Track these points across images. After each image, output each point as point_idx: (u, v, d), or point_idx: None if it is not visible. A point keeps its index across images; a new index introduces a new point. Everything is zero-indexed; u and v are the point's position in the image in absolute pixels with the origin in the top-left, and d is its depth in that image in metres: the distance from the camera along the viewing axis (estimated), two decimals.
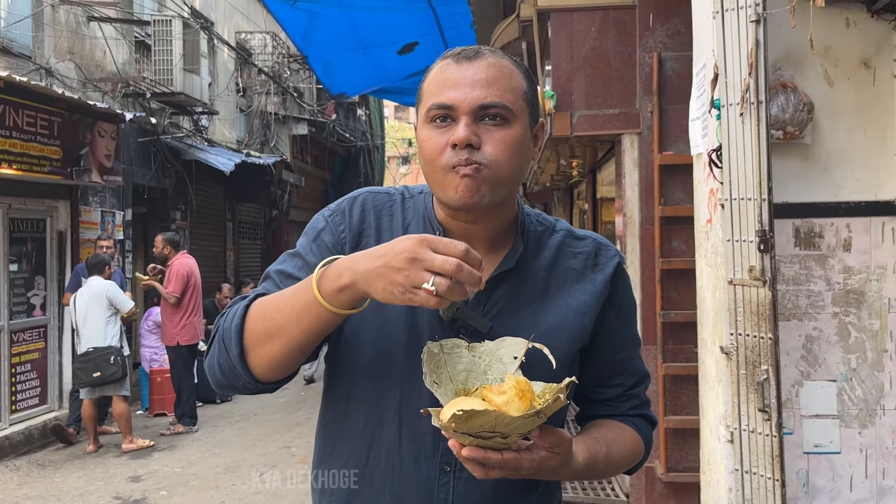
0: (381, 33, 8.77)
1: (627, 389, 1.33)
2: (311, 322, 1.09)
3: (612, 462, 1.24)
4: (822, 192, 2.72)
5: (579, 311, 1.24)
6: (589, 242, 1.30)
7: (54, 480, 6.03)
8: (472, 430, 0.99)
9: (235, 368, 1.15)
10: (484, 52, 1.18)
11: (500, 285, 1.22)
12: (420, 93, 1.22)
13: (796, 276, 2.73)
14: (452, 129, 1.14)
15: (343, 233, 1.24)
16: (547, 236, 1.29)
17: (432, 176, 1.17)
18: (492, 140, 1.14)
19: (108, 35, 8.81)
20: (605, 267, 1.28)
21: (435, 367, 1.12)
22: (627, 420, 1.32)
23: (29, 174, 6.76)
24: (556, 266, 1.26)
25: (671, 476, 4.26)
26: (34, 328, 7.54)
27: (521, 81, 1.20)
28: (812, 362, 2.73)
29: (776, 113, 2.60)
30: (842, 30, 2.70)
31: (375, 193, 1.30)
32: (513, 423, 0.99)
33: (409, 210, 1.27)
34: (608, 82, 4.60)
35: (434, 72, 1.20)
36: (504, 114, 1.15)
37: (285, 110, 14.27)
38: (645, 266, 4.51)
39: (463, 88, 1.14)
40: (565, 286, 1.25)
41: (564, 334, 1.22)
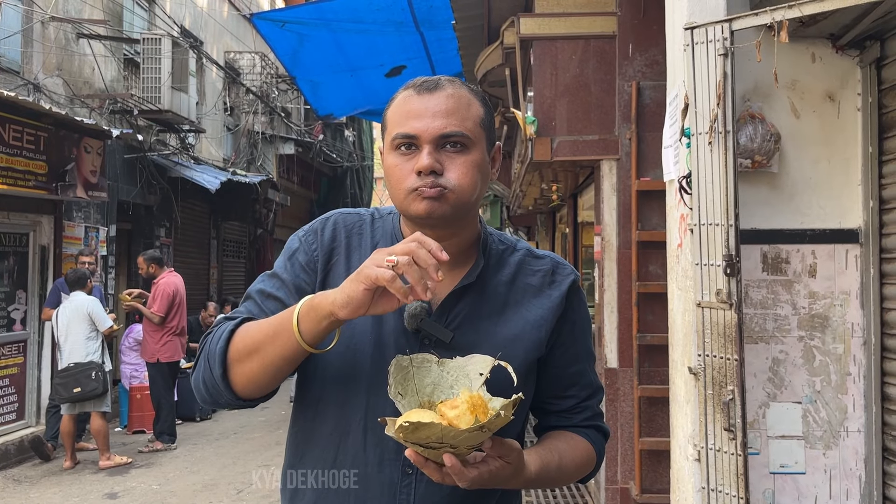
0: (369, 56, 8.89)
1: (581, 401, 1.40)
2: (282, 346, 1.18)
3: (564, 471, 1.30)
4: (789, 219, 2.82)
5: (535, 323, 1.32)
6: (547, 261, 1.38)
7: (30, 496, 5.98)
8: (421, 440, 1.06)
9: (218, 386, 1.23)
10: (443, 84, 1.27)
11: (462, 298, 1.30)
12: (385, 121, 1.30)
13: (764, 300, 2.81)
14: (416, 157, 1.23)
15: (315, 251, 1.33)
16: (508, 254, 1.37)
17: (398, 197, 1.26)
18: (453, 166, 1.23)
19: (97, 52, 8.87)
20: (562, 284, 1.36)
21: (402, 379, 1.18)
22: (581, 431, 1.39)
23: (13, 188, 6.77)
24: (516, 282, 1.34)
25: (646, 497, 4.31)
26: (14, 343, 7.51)
27: (479, 109, 1.29)
28: (778, 384, 2.80)
29: (744, 142, 2.70)
30: (808, 64, 2.81)
31: (346, 214, 1.39)
32: (459, 436, 1.05)
33: (378, 229, 1.36)
34: (588, 109, 4.71)
35: (397, 102, 1.28)
36: (463, 141, 1.24)
37: (272, 130, 14.35)
38: (622, 289, 4.59)
39: (425, 119, 1.23)
40: (523, 301, 1.33)
41: (521, 345, 1.30)
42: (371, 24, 8.14)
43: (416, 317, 1.25)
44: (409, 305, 1.25)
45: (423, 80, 1.28)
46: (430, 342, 1.26)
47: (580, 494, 5.30)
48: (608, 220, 4.66)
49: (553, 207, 8.20)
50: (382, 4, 7.65)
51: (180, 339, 7.56)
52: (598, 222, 4.88)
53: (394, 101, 1.30)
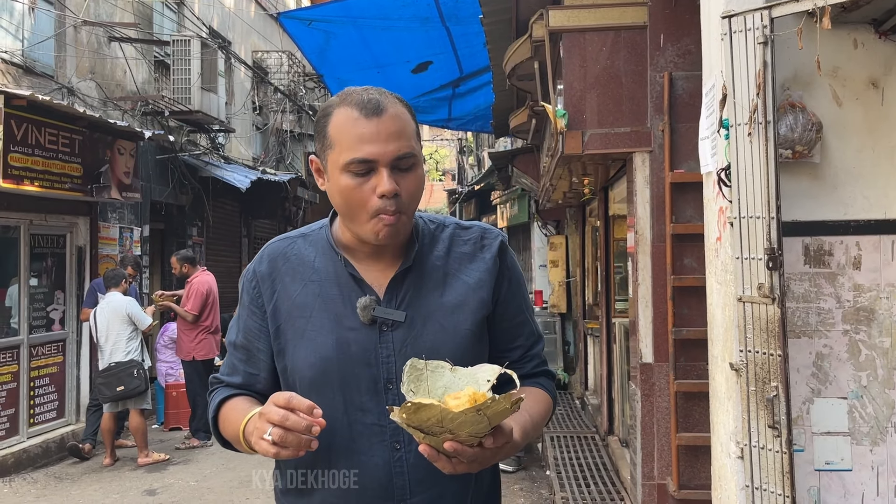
0: (395, 52, 8.88)
1: (527, 350, 1.55)
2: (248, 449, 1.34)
3: (536, 426, 1.43)
4: (832, 210, 2.75)
5: (476, 286, 1.46)
6: (475, 230, 1.52)
7: (71, 493, 6.09)
8: (422, 422, 1.14)
9: (229, 445, 1.47)
10: (384, 104, 1.34)
11: (404, 280, 1.43)
12: (326, 137, 1.37)
13: (806, 293, 2.75)
14: (373, 178, 1.33)
15: (256, 289, 1.47)
16: (439, 231, 1.50)
17: (355, 217, 1.37)
18: (406, 186, 1.35)
19: (129, 55, 8.99)
20: (492, 246, 1.50)
21: (416, 379, 1.27)
22: (534, 381, 1.52)
23: (50, 191, 6.89)
24: (451, 254, 1.48)
25: (683, 493, 4.26)
26: (53, 342, 7.65)
27: (413, 123, 1.40)
28: (823, 380, 2.74)
29: (785, 132, 2.64)
30: (850, 51, 2.74)
31: (277, 242, 1.52)
32: (456, 417, 1.12)
33: (312, 246, 1.48)
34: (619, 101, 4.65)
35: (343, 123, 1.35)
36: (413, 160, 1.36)
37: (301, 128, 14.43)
38: (656, 283, 4.53)
39: (378, 143, 1.32)
40: (461, 268, 1.47)
41: (468, 308, 1.44)
42: (397, 20, 8.13)
43: (368, 308, 1.38)
44: (359, 301, 1.39)
45: (363, 97, 1.34)
46: (388, 326, 1.39)
47: (616, 491, 5.26)
48: (641, 213, 4.60)
49: (583, 201, 8.13)
50: (408, 0, 7.63)
51: (214, 338, 7.65)
52: (630, 215, 4.82)
53: (333, 118, 1.36)
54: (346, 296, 1.41)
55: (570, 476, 5.62)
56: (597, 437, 6.85)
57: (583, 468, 5.83)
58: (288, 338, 1.42)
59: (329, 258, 1.45)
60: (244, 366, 1.47)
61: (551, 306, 9.99)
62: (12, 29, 7.36)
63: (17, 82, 7.17)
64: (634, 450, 4.79)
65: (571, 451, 6.36)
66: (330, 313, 1.40)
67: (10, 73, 7.13)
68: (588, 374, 8.66)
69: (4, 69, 7.04)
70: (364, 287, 1.41)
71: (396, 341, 1.39)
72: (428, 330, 1.40)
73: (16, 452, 6.74)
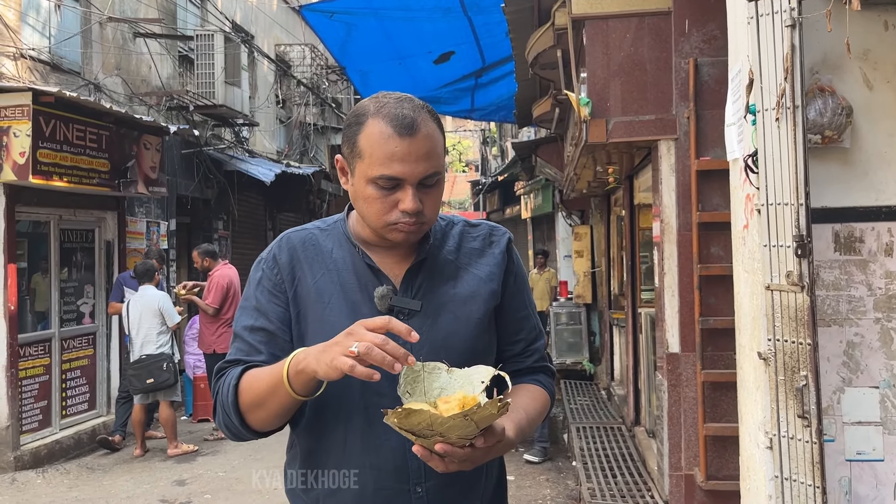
0: (417, 43, 8.86)
1: (529, 344, 1.61)
2: (281, 399, 1.34)
3: (531, 423, 1.47)
4: (863, 196, 2.69)
5: (487, 278, 1.53)
6: (483, 227, 1.61)
7: (103, 483, 6.20)
8: (413, 427, 1.19)
9: (241, 430, 1.42)
10: (419, 123, 1.37)
11: (419, 272, 1.49)
12: (356, 146, 1.40)
13: (836, 281, 2.70)
14: (397, 193, 1.38)
15: (278, 275, 1.49)
16: (449, 228, 1.58)
17: (376, 223, 1.41)
18: (429, 202, 1.41)
19: (154, 50, 9.07)
20: (500, 242, 1.58)
21: (412, 380, 1.31)
22: (533, 379, 1.58)
23: (79, 186, 6.99)
24: (461, 249, 1.55)
25: (711, 484, 4.22)
26: (84, 335, 7.78)
27: (442, 139, 1.44)
28: (854, 368, 2.69)
29: (814, 117, 2.58)
30: (881, 32, 2.67)
31: (296, 232, 1.56)
32: (445, 423, 1.17)
33: (329, 238, 1.52)
34: (644, 88, 4.59)
35: (375, 137, 1.37)
36: (438, 178, 1.41)
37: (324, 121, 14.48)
38: (683, 272, 4.48)
39: (408, 164, 1.36)
40: (471, 262, 1.54)
41: (480, 299, 1.51)
42: (418, 11, 8.10)
43: (385, 297, 1.43)
44: (377, 290, 1.44)
45: (398, 112, 1.37)
46: (404, 315, 1.44)
47: (643, 481, 5.23)
48: (667, 201, 4.55)
49: (608, 190, 8.06)
50: None
51: None
52: (656, 204, 4.77)
53: (366, 128, 1.38)
54: (363, 284, 1.46)
55: (596, 467, 5.60)
56: (623, 428, 6.82)
57: (609, 459, 5.80)
58: (308, 322, 1.45)
59: (346, 249, 1.49)
60: (267, 347, 1.46)
61: (576, 297, 9.94)
62: (39, 26, 7.46)
63: (45, 79, 7.27)
64: (661, 440, 4.75)
65: (598, 442, 6.33)
66: (348, 300, 1.45)
67: (38, 71, 7.23)
68: (614, 365, 8.61)
69: (32, 66, 7.14)
70: (380, 277, 1.46)
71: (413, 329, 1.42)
72: (442, 319, 1.46)
73: (49, 444, 6.88)
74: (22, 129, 6.23)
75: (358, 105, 1.45)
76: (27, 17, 7.24)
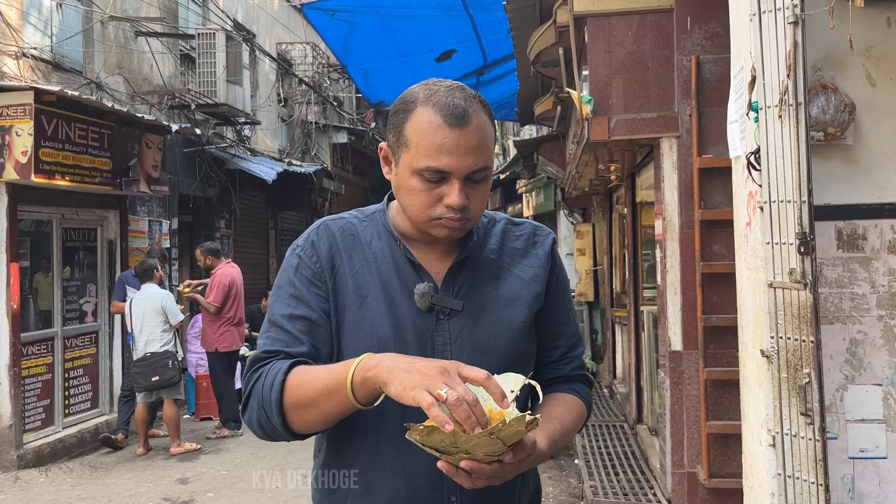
0: (418, 41, 8.85)
1: (568, 351, 1.54)
2: (337, 403, 1.25)
3: (566, 434, 1.40)
4: (866, 193, 2.68)
5: (531, 280, 1.47)
6: (527, 226, 1.54)
7: (106, 482, 6.21)
8: (436, 444, 1.12)
9: (278, 430, 1.32)
10: (470, 114, 1.30)
11: (461, 270, 1.43)
12: (402, 135, 1.33)
13: (839, 278, 2.69)
14: (443, 187, 1.31)
15: (317, 263, 1.41)
16: (491, 226, 1.51)
17: (419, 218, 1.35)
18: (475, 197, 1.34)
19: (155, 49, 9.07)
20: (544, 243, 1.52)
21: None
22: (570, 388, 1.52)
23: (81, 185, 6.99)
24: (504, 248, 1.49)
25: (714, 482, 4.22)
26: (86, 334, 7.79)
27: (493, 131, 1.36)
28: (857, 366, 2.69)
29: (816, 114, 2.58)
30: (883, 29, 2.66)
31: (334, 220, 1.48)
32: (469, 440, 1.10)
33: (368, 228, 1.45)
34: (646, 86, 4.59)
35: (424, 126, 1.30)
36: (487, 172, 1.34)
37: (325, 119, 14.47)
38: (685, 270, 4.48)
39: (457, 156, 1.29)
40: (514, 263, 1.48)
41: (523, 301, 1.44)
42: (420, 9, 8.10)
43: (426, 295, 1.36)
44: (418, 287, 1.37)
45: (448, 101, 1.29)
46: (445, 315, 1.38)
47: (645, 479, 5.23)
48: (669, 199, 4.55)
49: (610, 188, 8.05)
50: None
51: (238, 329, 7.71)
52: (658, 202, 4.76)
53: (414, 117, 1.31)
54: (402, 280, 1.39)
55: (598, 465, 5.60)
56: (625, 426, 6.81)
57: (611, 457, 5.80)
58: (345, 316, 1.38)
59: (386, 241, 1.42)
60: (309, 337, 1.36)
61: (578, 295, 9.94)
62: (41, 25, 7.47)
63: (47, 78, 7.27)
64: (664, 438, 4.75)
65: (600, 440, 6.33)
66: (386, 295, 1.38)
67: (40, 70, 7.24)
68: (616, 363, 8.61)
69: (34, 65, 7.14)
70: (421, 273, 1.39)
71: (453, 330, 1.37)
72: (484, 321, 1.39)
73: (52, 442, 6.89)
74: (24, 128, 6.23)
75: (406, 91, 1.36)
76: (29, 17, 7.25)
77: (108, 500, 5.72)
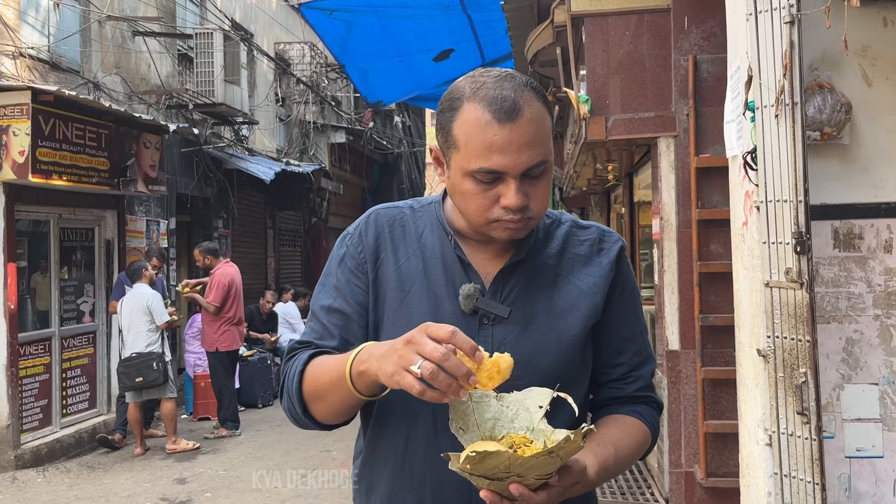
0: (416, 41, 8.85)
1: (632, 369, 1.39)
2: (343, 395, 1.22)
3: (621, 462, 1.28)
4: (862, 192, 2.68)
5: (589, 291, 1.34)
6: (593, 230, 1.40)
7: (103, 482, 6.20)
8: (488, 471, 1.04)
9: (303, 418, 1.32)
10: (521, 106, 1.19)
11: (513, 274, 1.32)
12: (451, 136, 1.23)
13: (836, 278, 2.70)
14: (499, 187, 1.22)
15: (361, 254, 1.36)
16: (554, 228, 1.39)
17: (477, 221, 1.26)
18: (536, 194, 1.24)
19: (153, 49, 9.06)
20: (610, 251, 1.38)
21: (462, 413, 1.18)
22: (632, 410, 1.38)
23: (78, 185, 6.98)
24: (565, 253, 1.36)
25: (711, 481, 4.22)
26: (84, 334, 7.78)
27: (549, 120, 1.25)
28: (853, 365, 2.69)
29: (813, 114, 2.58)
30: (879, 29, 2.67)
31: (386, 209, 1.41)
32: (526, 462, 1.02)
33: (421, 219, 1.38)
34: (643, 86, 4.59)
35: (472, 125, 1.20)
36: (545, 167, 1.24)
37: (323, 119, 14.46)
38: (683, 270, 4.48)
39: (510, 154, 1.19)
40: (574, 270, 1.35)
41: (578, 313, 1.32)
42: (418, 8, 8.10)
43: (471, 297, 1.27)
44: (463, 287, 1.28)
45: (497, 94, 1.19)
46: (489, 320, 1.28)
47: (643, 479, 5.23)
48: (667, 199, 4.55)
49: (608, 187, 8.06)
50: None
51: (238, 329, 7.71)
52: (656, 202, 4.76)
53: (461, 115, 1.22)
54: (449, 278, 1.31)
55: None
56: None
57: None
58: (385, 310, 1.32)
59: (437, 235, 1.35)
60: (341, 332, 1.33)
61: None
62: (38, 25, 7.46)
63: (44, 78, 7.26)
64: (661, 437, 4.75)
65: None
66: (430, 293, 1.31)
67: (37, 69, 7.23)
68: None
69: (31, 65, 7.13)
70: (470, 272, 1.31)
71: (496, 337, 1.28)
72: (531, 331, 1.29)
73: (49, 442, 6.88)
74: (21, 128, 6.22)
75: (452, 87, 1.26)
76: (26, 16, 7.24)
77: (106, 501, 5.72)
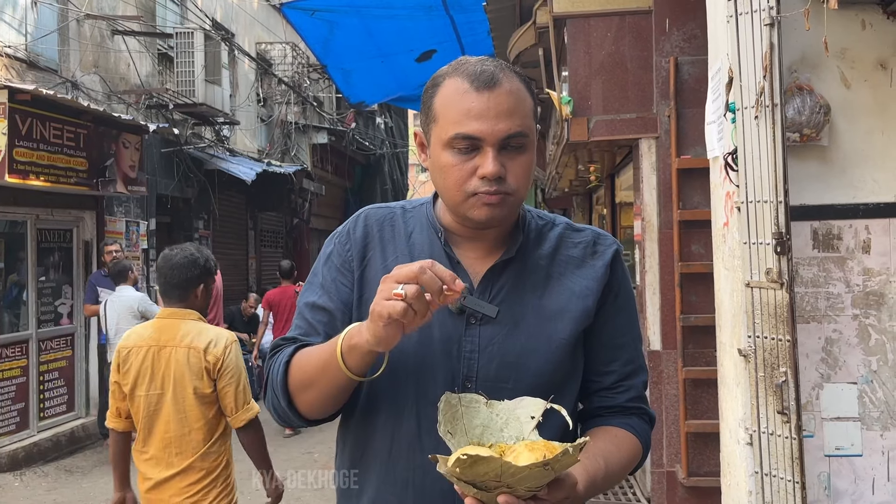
0: (399, 41, 8.84)
1: (623, 378, 1.36)
2: (332, 377, 1.21)
3: (610, 476, 1.26)
4: (841, 193, 2.71)
5: (581, 294, 1.31)
6: (588, 233, 1.38)
7: (82, 486, 6.13)
8: (477, 477, 1.01)
9: (287, 413, 1.29)
10: (499, 78, 1.21)
11: (503, 273, 1.30)
12: (432, 110, 1.25)
13: (815, 278, 2.72)
14: (476, 158, 1.21)
15: (349, 252, 1.35)
16: (548, 229, 1.37)
17: (454, 199, 1.25)
18: (514, 168, 1.22)
19: (132, 48, 8.97)
20: (605, 254, 1.35)
21: (451, 417, 1.15)
22: (624, 422, 1.34)
23: (56, 185, 6.89)
24: (557, 255, 1.34)
25: (692, 480, 4.25)
26: (62, 336, 7.68)
27: (530, 100, 1.26)
28: (832, 365, 2.71)
29: (792, 115, 2.60)
30: (858, 31, 2.70)
31: (376, 209, 1.40)
32: (519, 472, 0.99)
33: (411, 219, 1.37)
34: (625, 87, 4.61)
35: (449, 94, 1.23)
36: (524, 141, 1.23)
37: (305, 119, 14.41)
38: (664, 270, 4.51)
39: (487, 120, 1.19)
40: (566, 273, 1.33)
41: (568, 316, 1.29)
42: (400, 9, 8.09)
43: (459, 297, 1.24)
44: None
45: (476, 69, 1.22)
46: (477, 320, 1.26)
47: (625, 479, 5.25)
48: (648, 199, 4.58)
49: (590, 189, 8.09)
50: None
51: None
52: (637, 203, 4.79)
53: (442, 89, 1.24)
54: None
55: None
56: None
57: None
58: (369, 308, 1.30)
59: (427, 234, 1.34)
60: (326, 329, 1.31)
61: None
62: (15, 23, 7.36)
63: (22, 77, 7.17)
64: None
65: None
66: None
67: (14, 68, 7.13)
68: None
69: (8, 64, 7.03)
70: (459, 271, 1.28)
71: (483, 337, 1.26)
72: (519, 332, 1.27)
73: (27, 446, 6.78)
74: None
75: (437, 72, 1.29)
76: (3, 14, 7.14)
77: None
